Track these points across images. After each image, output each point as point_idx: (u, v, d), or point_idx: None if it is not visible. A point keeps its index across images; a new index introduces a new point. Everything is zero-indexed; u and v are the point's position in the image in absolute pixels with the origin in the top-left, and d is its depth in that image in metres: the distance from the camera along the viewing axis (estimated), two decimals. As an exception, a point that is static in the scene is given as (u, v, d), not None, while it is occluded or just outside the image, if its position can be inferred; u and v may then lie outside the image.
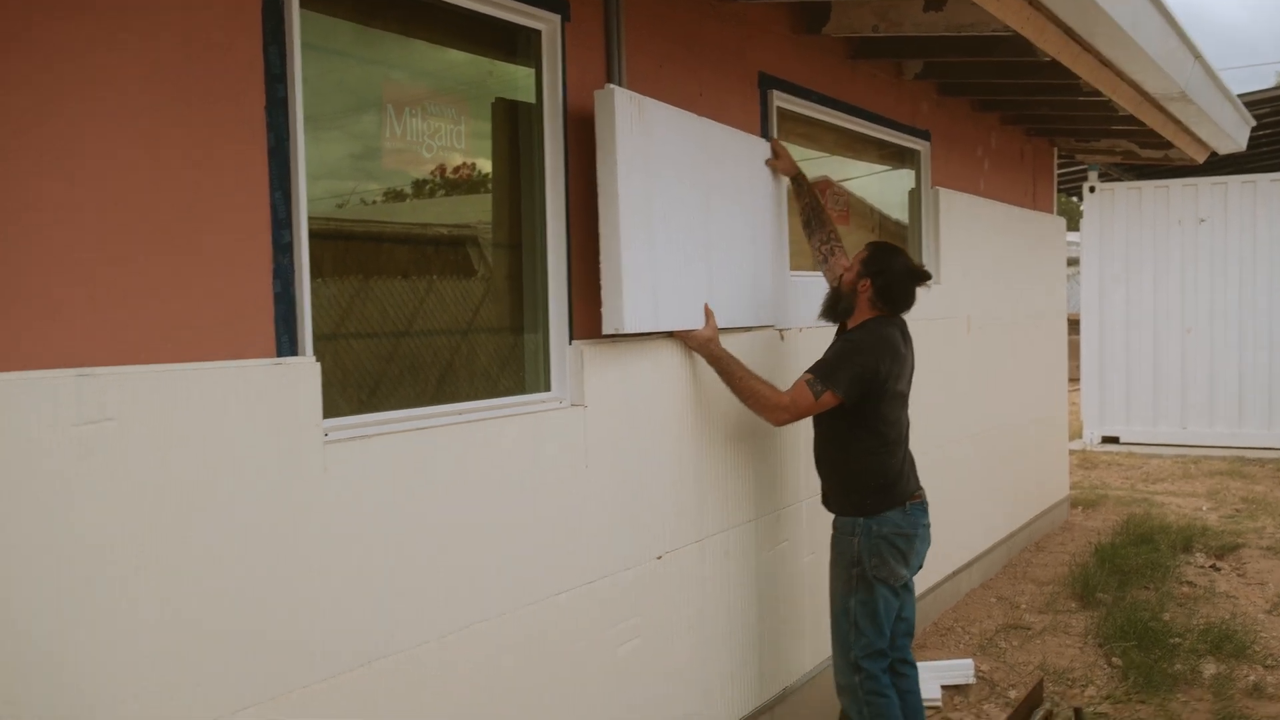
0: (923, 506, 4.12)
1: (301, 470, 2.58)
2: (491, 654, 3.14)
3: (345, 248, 3.13)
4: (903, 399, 4.13)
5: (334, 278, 3.02)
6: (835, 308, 4.18)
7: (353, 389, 3.05)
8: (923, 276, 4.12)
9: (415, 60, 3.38)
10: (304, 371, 2.61)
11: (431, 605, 2.95)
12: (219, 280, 2.48)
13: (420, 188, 3.38)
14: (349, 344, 3.07)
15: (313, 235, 2.74)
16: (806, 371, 3.96)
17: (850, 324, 4.13)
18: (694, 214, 4.00)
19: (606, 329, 3.54)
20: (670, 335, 3.93)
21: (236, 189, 2.53)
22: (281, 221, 2.63)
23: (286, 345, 2.64)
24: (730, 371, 3.96)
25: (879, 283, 4.03)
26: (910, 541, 4.03)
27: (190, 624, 2.34)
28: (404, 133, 3.19)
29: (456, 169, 3.43)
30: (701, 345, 3.95)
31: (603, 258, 3.55)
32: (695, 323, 3.97)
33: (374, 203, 3.26)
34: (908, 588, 4.11)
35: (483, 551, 3.12)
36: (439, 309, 3.43)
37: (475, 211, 3.60)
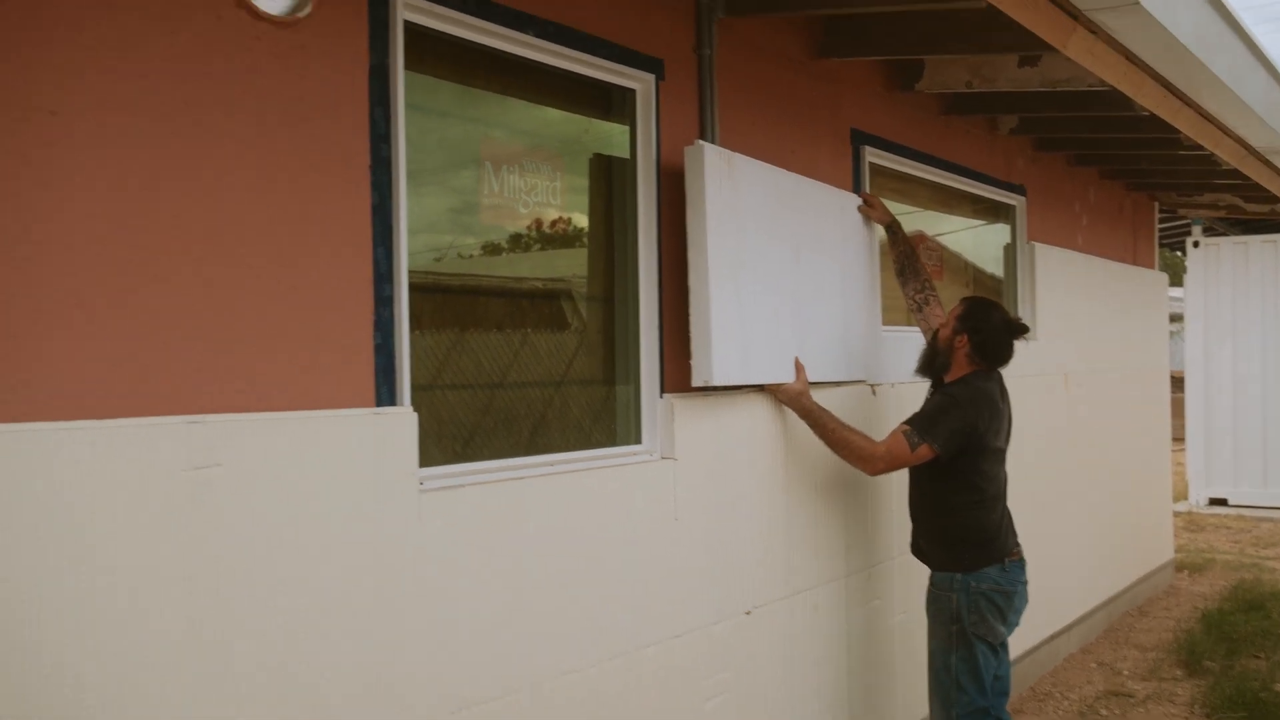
0: (1021, 564, 4.05)
1: (397, 518, 2.64)
2: (579, 704, 3.15)
3: (443, 300, 3.21)
4: (1001, 455, 4.09)
5: (431, 330, 3.10)
6: (932, 364, 4.16)
7: (448, 439, 3.12)
8: (1020, 330, 4.09)
9: (513, 119, 3.48)
10: (402, 421, 2.68)
11: (521, 654, 2.98)
12: (322, 332, 2.57)
13: (516, 242, 3.46)
14: (445, 395, 3.14)
15: (412, 288, 2.83)
16: (903, 423, 3.95)
17: (947, 379, 4.10)
18: (783, 267, 4.02)
19: (696, 381, 3.57)
20: (760, 389, 3.94)
21: (341, 244, 2.62)
22: (383, 275, 2.72)
23: (386, 395, 2.72)
24: (823, 424, 3.95)
25: (976, 339, 4.01)
26: (1009, 599, 3.97)
27: (286, 666, 2.40)
28: (501, 189, 3.28)
29: (552, 224, 3.51)
30: (793, 399, 3.96)
31: (692, 310, 3.59)
32: (785, 376, 3.98)
33: (471, 257, 3.35)
34: (1004, 646, 4.04)
35: (572, 602, 3.14)
36: (533, 361, 3.49)
37: (569, 266, 3.67)
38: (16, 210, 2.05)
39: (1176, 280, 14.36)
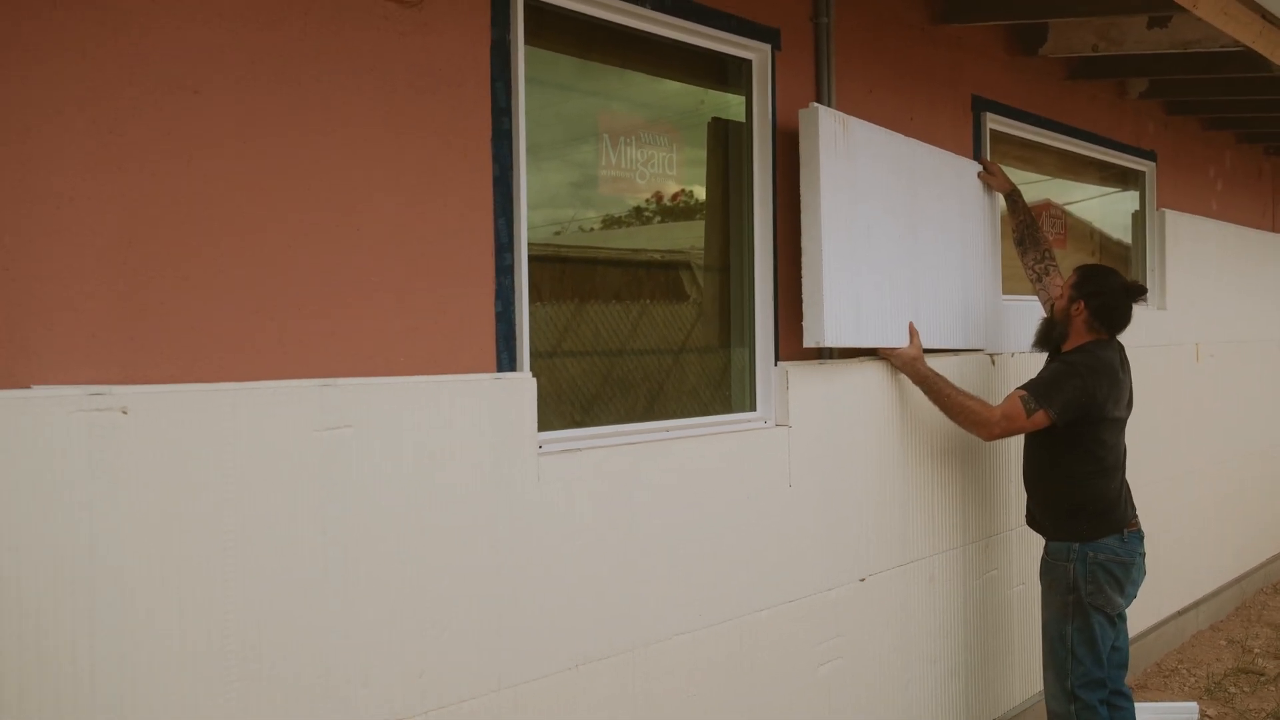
0: (1139, 535, 3.99)
1: (517, 479, 2.74)
2: (694, 664, 3.23)
3: (561, 270, 3.30)
4: (1120, 424, 4.02)
5: (551, 299, 3.18)
6: (1049, 336, 4.10)
7: (566, 405, 3.21)
8: (1138, 292, 4.01)
9: (631, 91, 3.54)
10: (522, 386, 2.77)
11: (638, 614, 3.06)
12: (446, 299, 2.67)
13: (634, 213, 3.52)
14: (564, 362, 3.23)
15: (531, 259, 2.92)
16: (1020, 388, 3.91)
17: (1065, 349, 4.04)
18: (900, 232, 4.00)
19: (807, 342, 3.59)
20: (874, 355, 3.94)
21: (463, 215, 2.72)
22: (504, 245, 2.81)
23: (506, 361, 2.81)
24: (938, 389, 3.93)
25: (1094, 304, 3.94)
26: (1127, 570, 3.92)
27: (414, 620, 2.52)
28: (619, 160, 3.34)
29: (669, 194, 3.56)
30: (907, 363, 3.95)
31: (805, 271, 3.60)
32: (899, 341, 3.97)
33: (590, 230, 3.42)
34: (1122, 617, 3.99)
35: (687, 564, 3.21)
36: (648, 329, 3.56)
37: (686, 235, 3.72)
38: (156, 175, 2.18)
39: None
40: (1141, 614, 5.41)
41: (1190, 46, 4.67)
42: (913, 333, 4.01)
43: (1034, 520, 4.15)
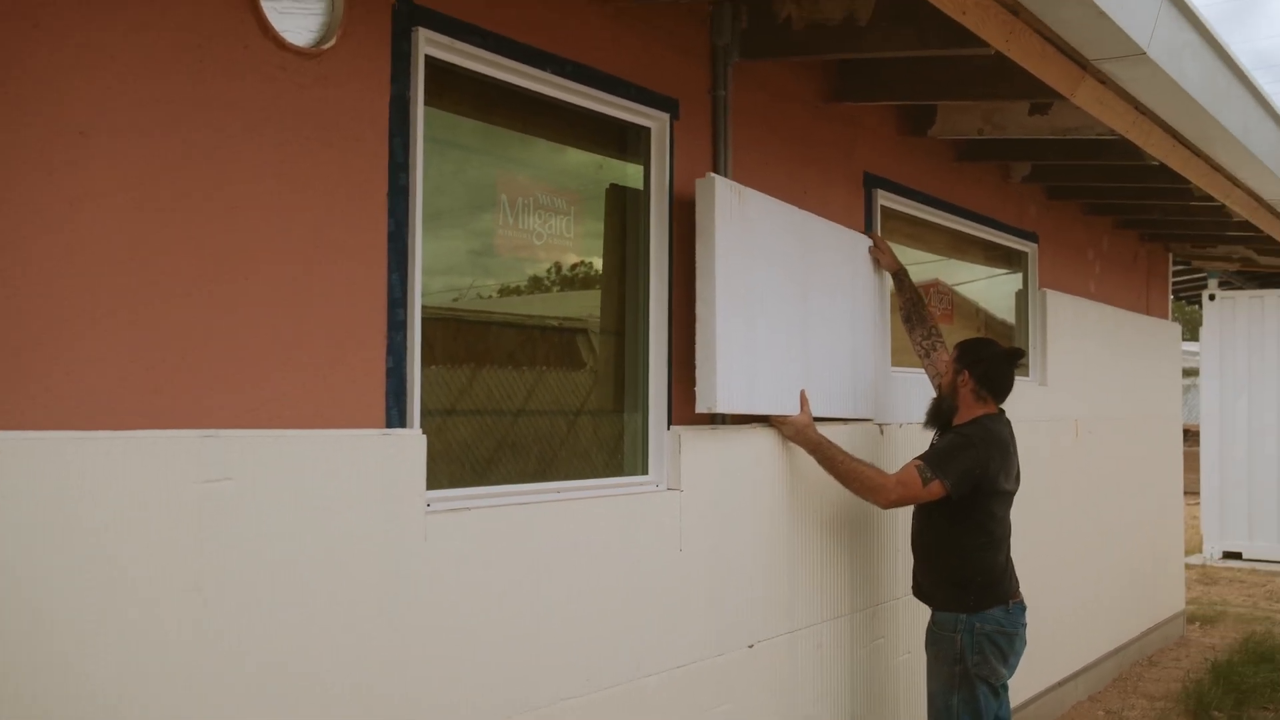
0: (1022, 608, 4.07)
1: (404, 537, 2.69)
2: (579, 731, 3.18)
3: (457, 330, 3.28)
4: (1009, 498, 4.12)
5: (445, 359, 3.16)
6: (939, 411, 4.20)
7: (456, 464, 3.17)
8: (1017, 355, 4.18)
9: (531, 156, 3.56)
10: (411, 443, 2.73)
11: (523, 678, 3.01)
12: (335, 353, 2.64)
13: (530, 276, 3.53)
14: (456, 421, 3.20)
15: (427, 319, 2.90)
16: (916, 458, 3.98)
17: (956, 423, 4.13)
18: (792, 303, 4.08)
19: (700, 407, 3.62)
20: (766, 423, 3.99)
21: (357, 269, 2.70)
22: (397, 301, 2.79)
23: (396, 418, 2.78)
24: (830, 456, 3.99)
25: (978, 371, 4.06)
26: (1011, 641, 3.99)
27: (294, 677, 2.45)
28: (518, 224, 3.35)
29: (566, 259, 3.58)
30: (799, 431, 4.00)
31: (698, 338, 3.64)
32: (791, 408, 4.02)
33: (488, 296, 3.42)
34: (1005, 688, 4.05)
35: (574, 629, 3.18)
36: (541, 391, 3.55)
37: (582, 300, 3.74)
38: (39, 223, 2.13)
39: (1193, 334, 14.36)
40: (1023, 684, 5.49)
41: (1069, 133, 4.89)
42: (804, 401, 4.07)
43: (920, 590, 4.20)
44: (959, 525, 4.00)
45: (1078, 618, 6.79)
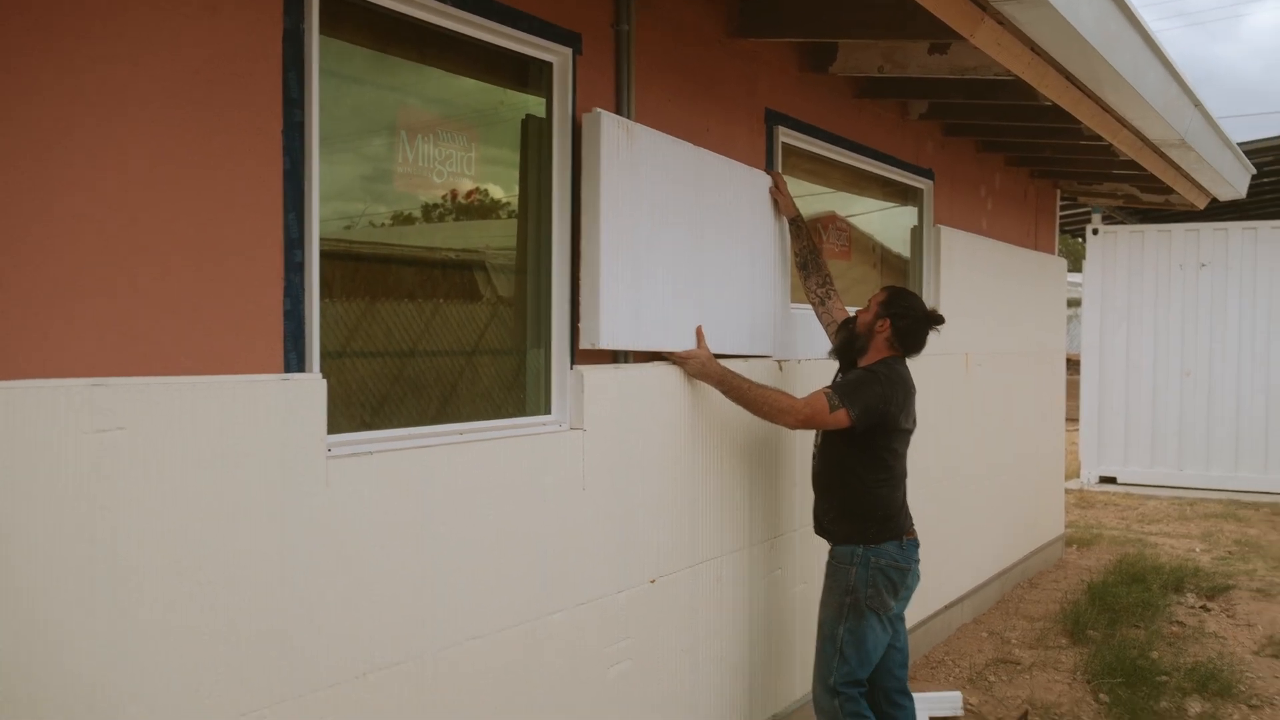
0: (915, 544, 4.20)
1: (305, 483, 2.65)
2: (485, 669, 3.20)
3: (354, 268, 3.21)
4: (908, 436, 4.22)
5: (342, 297, 3.09)
6: (850, 347, 4.26)
7: (357, 407, 3.12)
8: (937, 321, 4.22)
9: (429, 88, 3.47)
10: (310, 388, 2.68)
11: (428, 619, 3.01)
12: (231, 296, 2.56)
13: (429, 211, 3.46)
14: (355, 363, 3.14)
15: (323, 256, 2.82)
16: (825, 387, 4.05)
17: (861, 363, 4.20)
18: (685, 239, 4.08)
19: (583, 344, 3.62)
20: (668, 361, 4.00)
21: (252, 209, 2.61)
22: (294, 241, 2.71)
23: (294, 362, 2.72)
24: (736, 386, 4.03)
25: (900, 324, 4.13)
26: (904, 575, 4.11)
27: (195, 629, 2.41)
28: (416, 157, 3.28)
29: (466, 193, 3.52)
30: (702, 366, 4.03)
31: (583, 273, 3.63)
32: (684, 345, 4.04)
33: (383, 225, 3.34)
34: (900, 618, 4.18)
35: (479, 568, 3.18)
36: (443, 330, 3.50)
37: (483, 235, 3.68)
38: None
39: (1076, 266, 14.80)
40: (914, 610, 5.67)
41: (967, 73, 4.95)
42: (699, 336, 4.10)
43: (820, 527, 4.30)
44: (861, 460, 4.09)
45: (965, 544, 7.03)
